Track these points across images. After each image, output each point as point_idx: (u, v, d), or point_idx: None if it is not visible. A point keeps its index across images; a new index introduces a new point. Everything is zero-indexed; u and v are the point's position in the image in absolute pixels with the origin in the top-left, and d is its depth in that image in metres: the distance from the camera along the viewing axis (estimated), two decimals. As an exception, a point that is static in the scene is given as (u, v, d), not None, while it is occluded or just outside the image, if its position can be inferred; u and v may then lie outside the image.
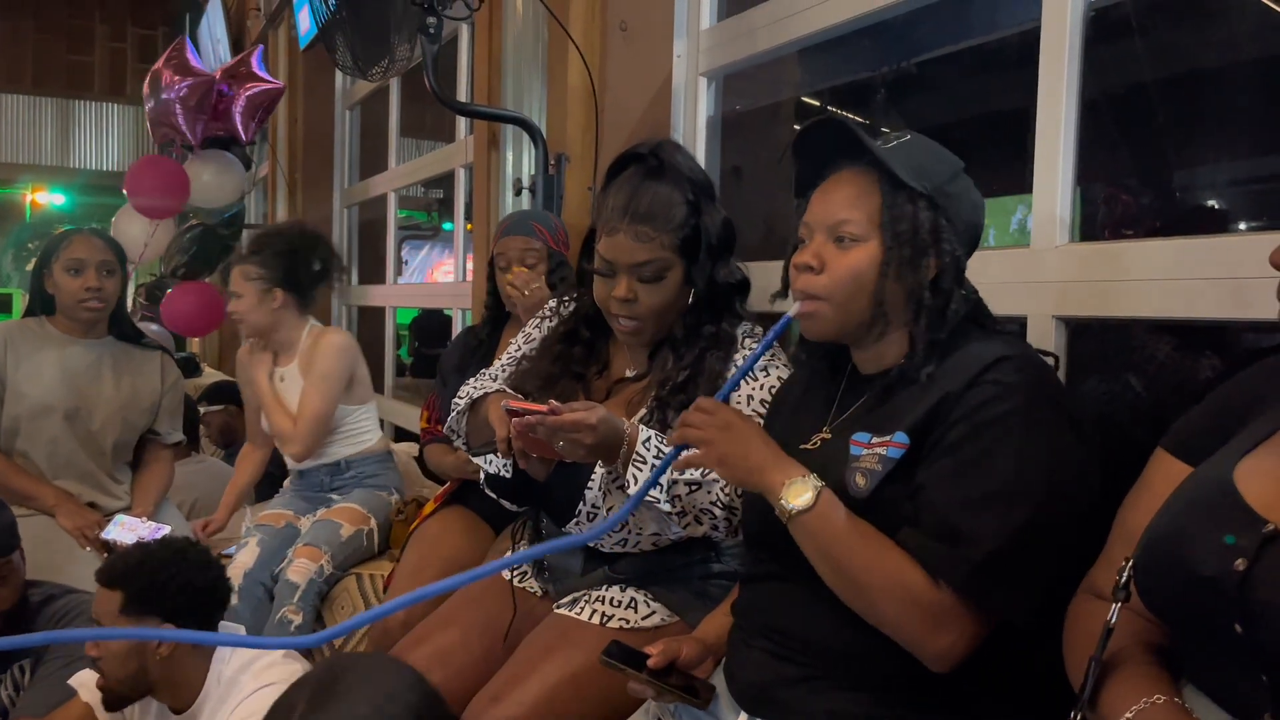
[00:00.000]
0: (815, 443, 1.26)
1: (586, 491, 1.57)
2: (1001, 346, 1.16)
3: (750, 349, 1.60)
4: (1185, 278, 1.39)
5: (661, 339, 1.64)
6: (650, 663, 1.27)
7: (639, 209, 1.53)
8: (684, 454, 1.23)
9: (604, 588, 1.64)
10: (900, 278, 1.17)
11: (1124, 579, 0.89)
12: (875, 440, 1.16)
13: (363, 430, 2.73)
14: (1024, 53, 1.65)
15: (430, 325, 6.52)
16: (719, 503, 1.48)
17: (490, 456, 1.66)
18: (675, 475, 1.45)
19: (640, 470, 1.43)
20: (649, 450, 1.44)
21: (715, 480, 1.47)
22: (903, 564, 1.09)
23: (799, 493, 1.12)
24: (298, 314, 2.69)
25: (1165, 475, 0.98)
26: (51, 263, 2.62)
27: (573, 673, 1.52)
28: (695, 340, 1.60)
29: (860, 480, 1.15)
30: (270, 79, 4.52)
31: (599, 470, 1.55)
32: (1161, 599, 0.87)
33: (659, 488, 1.44)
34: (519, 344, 1.82)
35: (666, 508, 1.47)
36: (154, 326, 4.74)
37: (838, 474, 1.17)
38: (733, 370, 1.57)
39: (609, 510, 1.56)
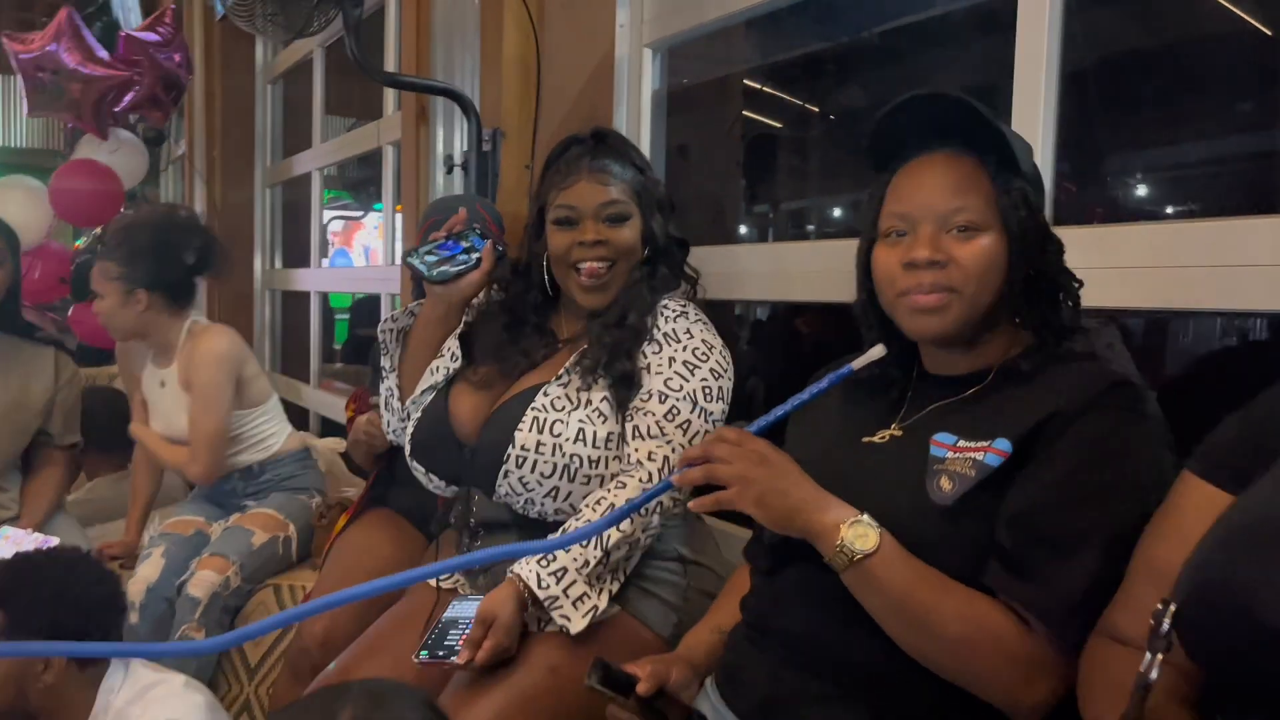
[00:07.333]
0: (882, 437, 1.13)
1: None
2: (1114, 369, 1.06)
3: (666, 315, 1.59)
4: (1173, 265, 1.30)
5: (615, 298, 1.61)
6: (640, 689, 1.14)
7: (595, 162, 1.61)
8: (716, 495, 1.09)
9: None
10: (1023, 267, 1.08)
11: (1165, 627, 0.76)
12: (964, 444, 1.04)
13: (266, 434, 2.49)
14: (998, 22, 1.54)
15: (373, 306, 6.18)
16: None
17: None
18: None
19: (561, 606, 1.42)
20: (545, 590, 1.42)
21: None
22: (988, 609, 0.98)
23: (862, 534, 0.99)
24: (170, 314, 2.41)
25: (1196, 504, 0.86)
26: None
27: (521, 692, 1.41)
28: (648, 286, 1.61)
29: (945, 484, 1.02)
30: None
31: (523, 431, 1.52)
32: (1218, 653, 0.76)
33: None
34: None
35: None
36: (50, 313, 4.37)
37: (914, 474, 1.04)
38: (648, 324, 1.57)
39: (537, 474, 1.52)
